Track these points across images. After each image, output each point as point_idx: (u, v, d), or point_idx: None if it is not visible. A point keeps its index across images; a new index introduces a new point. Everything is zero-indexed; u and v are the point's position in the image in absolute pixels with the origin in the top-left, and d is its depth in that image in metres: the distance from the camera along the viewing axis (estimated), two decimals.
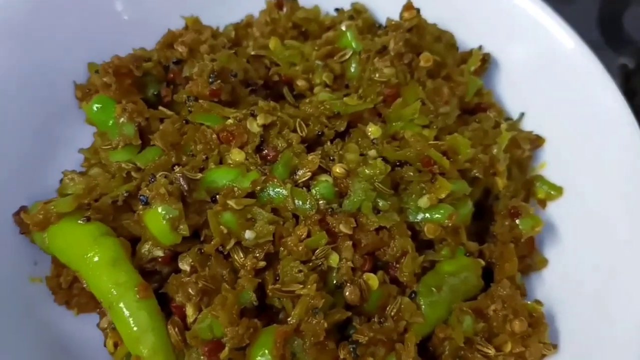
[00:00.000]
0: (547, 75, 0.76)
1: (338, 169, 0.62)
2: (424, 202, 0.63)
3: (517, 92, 0.79)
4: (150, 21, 0.79)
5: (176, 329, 0.56)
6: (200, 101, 0.67)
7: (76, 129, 0.74)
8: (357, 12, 0.81)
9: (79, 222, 0.60)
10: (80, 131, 0.73)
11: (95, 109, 0.67)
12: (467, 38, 0.80)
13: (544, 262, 0.70)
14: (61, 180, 0.69)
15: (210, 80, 0.66)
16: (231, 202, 0.59)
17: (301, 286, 0.57)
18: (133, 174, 0.64)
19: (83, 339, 0.64)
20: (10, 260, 0.64)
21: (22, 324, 0.62)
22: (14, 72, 0.69)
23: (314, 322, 0.56)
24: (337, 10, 0.82)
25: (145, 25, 0.79)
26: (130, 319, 0.56)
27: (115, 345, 0.60)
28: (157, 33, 0.77)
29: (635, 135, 0.67)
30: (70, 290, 0.64)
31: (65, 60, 0.74)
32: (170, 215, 0.57)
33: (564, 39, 0.75)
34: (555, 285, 0.69)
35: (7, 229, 0.66)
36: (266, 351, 0.54)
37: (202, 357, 0.55)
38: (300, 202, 0.61)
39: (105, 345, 0.63)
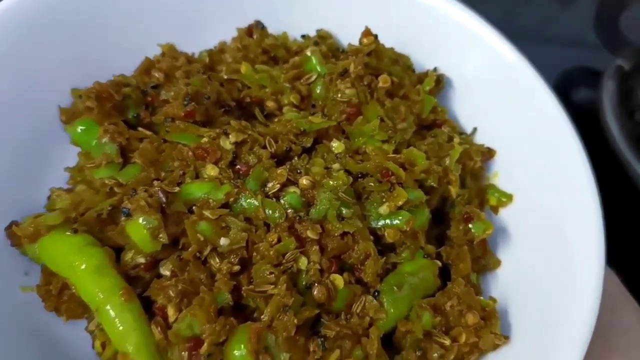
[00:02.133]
0: (495, 92, 0.83)
1: (304, 181, 0.68)
2: (383, 209, 0.69)
3: (470, 109, 0.86)
4: (129, 48, 0.85)
5: (159, 328, 0.61)
6: (177, 122, 0.73)
7: (61, 150, 0.78)
8: (322, 38, 0.88)
9: (67, 233, 0.65)
10: (66, 151, 0.78)
11: (79, 130, 0.72)
12: (423, 60, 0.87)
13: (497, 263, 0.76)
14: (49, 197, 0.74)
15: (185, 102, 0.72)
16: (207, 212, 0.65)
17: (272, 286, 0.62)
18: (115, 189, 0.68)
19: (73, 343, 0.69)
20: (2, 270, 0.69)
21: (14, 329, 0.66)
22: (4, 96, 0.74)
23: (285, 319, 0.61)
24: (303, 36, 0.88)
25: (125, 53, 0.84)
26: (116, 320, 0.60)
27: (103, 345, 0.65)
28: (135, 60, 0.83)
29: (574, 142, 0.74)
30: (59, 296, 0.68)
31: (50, 85, 0.79)
32: (150, 225, 0.62)
33: (508, 56, 0.82)
34: (509, 284, 0.74)
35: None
36: (242, 346, 0.60)
37: (183, 353, 0.60)
38: (270, 212, 0.66)
39: (93, 347, 0.68)
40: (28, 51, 0.78)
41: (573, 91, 0.76)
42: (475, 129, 0.84)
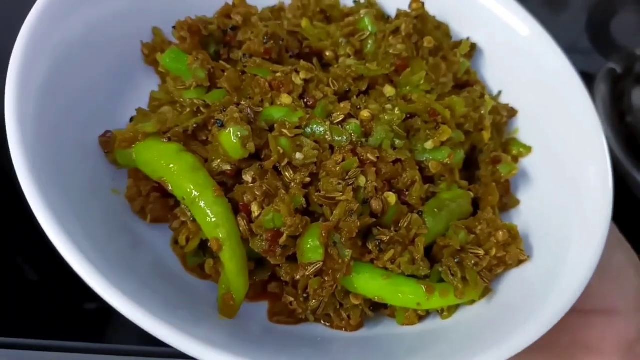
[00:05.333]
0: (517, 62, 0.96)
1: (365, 114, 0.80)
2: (429, 144, 0.81)
3: (494, 75, 0.99)
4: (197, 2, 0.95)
5: (244, 221, 0.72)
6: (254, 58, 0.84)
7: (137, 83, 0.89)
8: (371, 4, 1.00)
9: (163, 140, 0.76)
10: (142, 83, 0.89)
11: (168, 59, 0.83)
12: (454, 32, 1.00)
13: (516, 202, 0.89)
14: (132, 119, 0.84)
15: (264, 41, 0.84)
16: (285, 131, 0.76)
17: (340, 194, 0.73)
18: (202, 109, 0.79)
19: (151, 243, 0.79)
20: (95, 174, 0.78)
21: (104, 227, 0.75)
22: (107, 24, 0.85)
23: (350, 221, 0.72)
24: (355, 2, 1.00)
25: (198, 7, 0.94)
26: (209, 211, 0.71)
27: (187, 239, 0.76)
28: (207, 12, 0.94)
29: (588, 104, 0.87)
30: (147, 198, 0.78)
31: (133, 22, 0.90)
32: (242, 134, 0.73)
33: (530, 33, 0.95)
34: (527, 220, 0.87)
35: (91, 150, 0.80)
36: (315, 239, 0.71)
37: (264, 242, 0.71)
38: (337, 136, 0.78)
39: (175, 244, 0.78)
40: None
41: None
42: (500, 92, 0.97)
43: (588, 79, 1.16)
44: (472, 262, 0.76)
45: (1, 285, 0.96)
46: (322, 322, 0.78)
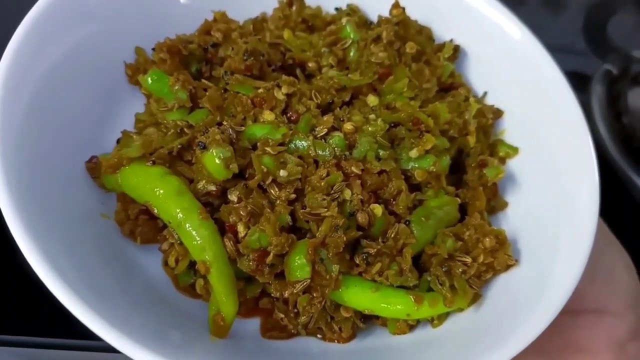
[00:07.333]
0: (503, 62, 0.96)
1: (349, 126, 0.80)
2: (413, 153, 0.81)
3: (480, 76, 0.99)
4: (177, 17, 0.95)
5: (231, 242, 0.72)
6: (235, 75, 0.84)
7: (123, 103, 0.90)
8: (353, 11, 1.00)
9: (147, 164, 0.76)
10: (128, 103, 0.90)
11: (150, 80, 0.83)
12: (440, 33, 1.00)
13: (504, 204, 0.89)
14: (118, 140, 0.84)
15: (245, 58, 0.84)
16: (268, 149, 0.76)
17: (325, 210, 0.74)
18: (185, 130, 0.79)
19: (143, 265, 0.80)
20: (83, 200, 0.79)
21: (96, 252, 0.76)
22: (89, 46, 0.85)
23: (336, 236, 0.73)
24: (336, 9, 1.00)
25: (179, 22, 0.95)
26: (195, 234, 0.71)
27: (177, 260, 0.76)
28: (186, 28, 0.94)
29: (574, 103, 0.87)
30: (135, 221, 0.79)
31: (115, 43, 0.90)
32: (224, 156, 0.73)
33: (514, 33, 0.95)
34: (515, 223, 0.87)
35: (79, 176, 0.80)
36: (302, 256, 0.71)
37: (251, 262, 0.72)
38: (320, 150, 0.78)
39: (165, 265, 0.79)
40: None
41: None
42: (485, 93, 0.97)
43: (584, 80, 1.19)
44: (460, 270, 0.76)
45: (2, 285, 0.98)
46: (315, 335, 0.79)
